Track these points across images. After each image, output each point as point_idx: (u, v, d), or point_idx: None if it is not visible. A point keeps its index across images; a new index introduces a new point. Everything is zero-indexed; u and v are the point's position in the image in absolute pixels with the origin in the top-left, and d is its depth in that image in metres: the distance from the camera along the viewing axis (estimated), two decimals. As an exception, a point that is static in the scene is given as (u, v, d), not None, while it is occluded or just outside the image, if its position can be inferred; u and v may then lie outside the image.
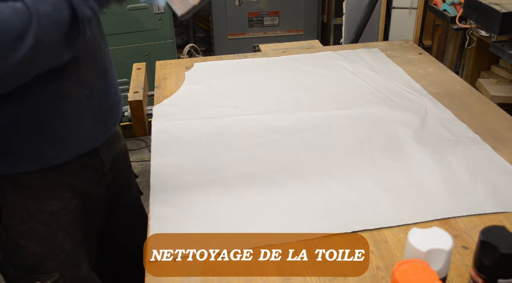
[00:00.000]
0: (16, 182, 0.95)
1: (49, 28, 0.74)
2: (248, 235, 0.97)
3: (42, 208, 0.98)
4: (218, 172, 1.17)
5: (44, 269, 1.02)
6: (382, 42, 2.00)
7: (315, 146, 1.27)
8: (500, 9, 1.51)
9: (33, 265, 1.02)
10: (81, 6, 0.77)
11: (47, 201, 0.99)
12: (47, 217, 0.99)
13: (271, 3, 3.33)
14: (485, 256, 0.77)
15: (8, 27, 0.69)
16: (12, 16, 0.70)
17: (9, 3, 0.70)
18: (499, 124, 1.35)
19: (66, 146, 0.97)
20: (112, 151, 1.15)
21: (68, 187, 1.01)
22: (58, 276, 1.03)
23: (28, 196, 0.96)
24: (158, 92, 1.56)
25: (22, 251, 1.00)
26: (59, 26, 0.76)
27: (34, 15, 0.71)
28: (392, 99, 1.49)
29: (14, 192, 0.95)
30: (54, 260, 1.03)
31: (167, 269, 0.91)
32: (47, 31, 0.73)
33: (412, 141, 1.27)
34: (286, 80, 1.63)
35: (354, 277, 0.88)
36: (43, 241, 1.01)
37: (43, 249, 1.01)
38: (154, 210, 1.05)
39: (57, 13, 0.74)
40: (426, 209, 1.03)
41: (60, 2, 0.75)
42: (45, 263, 1.02)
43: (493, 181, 1.11)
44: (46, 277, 1.02)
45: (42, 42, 0.73)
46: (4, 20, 0.69)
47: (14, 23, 0.70)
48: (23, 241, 0.99)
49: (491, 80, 1.99)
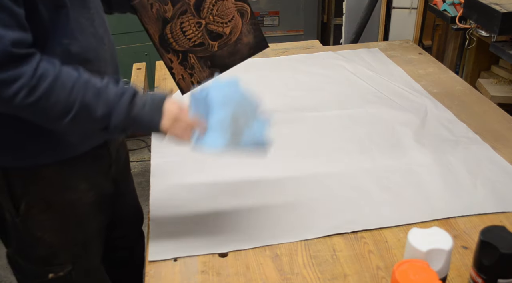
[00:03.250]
0: (35, 174, 0.97)
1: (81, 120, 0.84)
2: (248, 235, 0.98)
3: (59, 199, 1.01)
4: (218, 172, 1.17)
5: (57, 261, 1.05)
6: (382, 42, 2.00)
7: (315, 146, 1.27)
8: (500, 9, 1.51)
9: (47, 256, 1.04)
10: (114, 128, 0.86)
11: (64, 193, 1.01)
12: (64, 208, 1.02)
13: (271, 3, 3.33)
14: (485, 256, 0.77)
15: (55, 105, 0.82)
16: (62, 98, 0.82)
17: (33, 58, 0.80)
18: (499, 124, 1.35)
19: (84, 139, 1.00)
20: (116, 142, 1.17)
21: (82, 178, 1.04)
22: (70, 267, 1.06)
23: (46, 187, 0.99)
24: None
25: (38, 242, 1.03)
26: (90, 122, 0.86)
27: (76, 106, 0.83)
28: (392, 99, 1.49)
29: (33, 184, 0.98)
30: (68, 251, 1.06)
31: (167, 269, 0.91)
32: (79, 121, 0.85)
33: (412, 141, 1.27)
34: (286, 80, 1.63)
35: (354, 277, 0.88)
36: (59, 232, 1.04)
37: (58, 240, 1.04)
38: (154, 210, 1.05)
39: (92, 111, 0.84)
40: (426, 209, 1.03)
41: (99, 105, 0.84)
42: (59, 255, 1.05)
43: (493, 181, 1.11)
44: (59, 268, 1.05)
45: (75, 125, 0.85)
46: (57, 97, 0.82)
47: (58, 106, 0.82)
48: (40, 232, 1.02)
49: (491, 80, 1.99)
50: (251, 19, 1.09)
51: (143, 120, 0.86)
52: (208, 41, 1.07)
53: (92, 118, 0.84)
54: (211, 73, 1.08)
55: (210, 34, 1.07)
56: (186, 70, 1.08)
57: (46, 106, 0.81)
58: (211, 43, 1.07)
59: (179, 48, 1.06)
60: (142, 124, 0.87)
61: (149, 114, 0.86)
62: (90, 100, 0.83)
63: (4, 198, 0.99)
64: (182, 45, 1.06)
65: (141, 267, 1.29)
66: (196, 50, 1.07)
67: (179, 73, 1.08)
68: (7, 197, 0.98)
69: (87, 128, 0.90)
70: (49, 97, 0.80)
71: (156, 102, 0.87)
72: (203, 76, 1.09)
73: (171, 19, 1.05)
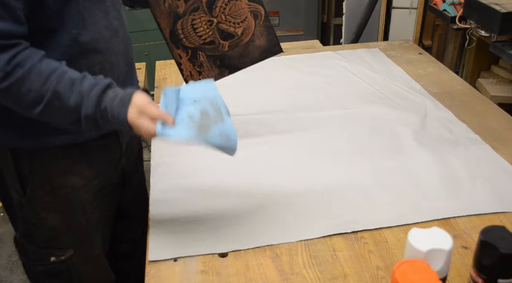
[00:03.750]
0: (43, 156, 1.00)
1: (52, 112, 0.87)
2: (248, 235, 0.97)
3: (64, 182, 1.03)
4: (218, 172, 1.17)
5: (60, 244, 1.08)
6: (382, 42, 2.00)
7: (315, 146, 1.27)
8: (500, 9, 1.51)
9: (50, 238, 1.07)
10: (87, 120, 0.87)
11: (69, 176, 1.04)
12: (68, 192, 1.04)
13: (271, 3, 3.33)
14: (485, 256, 0.77)
15: (28, 94, 0.84)
16: (34, 88, 0.84)
17: (14, 48, 0.83)
18: (499, 124, 1.35)
19: None
20: (127, 135, 1.19)
21: (88, 165, 1.06)
22: (72, 252, 1.08)
23: (52, 169, 1.02)
24: (158, 92, 1.56)
25: (42, 224, 1.05)
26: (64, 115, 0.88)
27: (47, 97, 0.85)
28: (392, 99, 1.49)
29: (40, 165, 1.01)
30: (70, 235, 1.08)
31: (167, 269, 0.91)
32: (51, 114, 0.87)
33: (412, 141, 1.27)
34: (286, 80, 1.63)
35: (354, 277, 0.88)
36: (62, 215, 1.06)
37: (61, 222, 1.06)
38: (154, 210, 1.05)
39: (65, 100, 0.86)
40: (426, 209, 1.03)
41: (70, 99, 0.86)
42: (62, 238, 1.07)
43: (493, 181, 1.11)
44: (61, 252, 1.08)
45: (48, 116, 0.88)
46: (30, 86, 0.84)
47: (31, 95, 0.85)
48: (44, 212, 1.04)
49: (491, 80, 1.99)
50: (265, 22, 1.09)
51: (113, 112, 0.86)
52: (219, 40, 1.07)
53: (64, 107, 0.86)
54: (220, 73, 1.08)
55: (221, 33, 1.06)
56: (194, 68, 1.08)
57: (19, 93, 0.84)
58: (221, 42, 1.07)
59: (189, 45, 1.06)
60: (111, 116, 0.87)
61: (118, 105, 0.86)
62: (63, 89, 0.85)
63: (12, 177, 1.02)
64: (192, 42, 1.06)
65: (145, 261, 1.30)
66: (206, 48, 1.07)
67: (187, 70, 1.08)
68: (15, 177, 1.01)
69: (60, 119, 0.90)
70: (22, 85, 0.83)
71: (126, 94, 0.88)
72: (211, 74, 1.09)
73: (182, 15, 1.05)
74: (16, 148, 0.99)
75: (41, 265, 1.09)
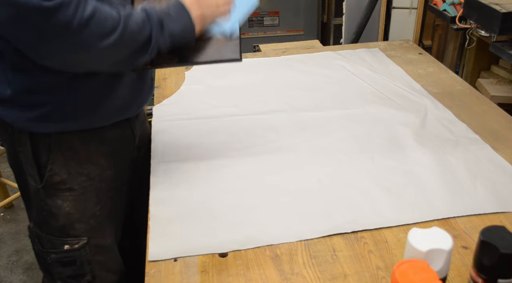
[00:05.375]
0: (61, 143, 1.03)
1: (127, 38, 0.91)
2: (248, 235, 0.98)
3: (81, 170, 1.06)
4: (218, 172, 1.17)
5: (74, 232, 1.09)
6: (382, 42, 2.00)
7: (315, 146, 1.27)
8: (500, 9, 1.51)
9: (64, 226, 1.08)
10: (157, 37, 0.95)
11: (85, 165, 1.06)
12: (84, 180, 1.07)
13: (271, 3, 3.33)
14: (485, 256, 0.77)
15: (106, 21, 0.88)
16: (109, 16, 0.89)
17: (112, 10, 0.89)
18: (499, 124, 1.35)
19: (106, 110, 1.05)
20: (140, 128, 1.22)
21: (104, 155, 1.09)
22: (85, 241, 1.10)
23: (70, 157, 1.04)
24: (158, 92, 1.56)
25: (57, 211, 1.07)
26: (135, 42, 0.93)
27: (122, 24, 0.90)
28: (392, 99, 1.49)
29: (58, 152, 1.03)
30: (84, 223, 1.09)
31: (167, 269, 0.91)
32: (126, 40, 0.91)
33: (412, 141, 1.27)
34: (286, 80, 1.63)
35: (354, 277, 0.88)
36: (78, 203, 1.07)
37: (76, 210, 1.08)
38: (154, 210, 1.05)
39: (138, 32, 0.93)
40: (426, 209, 1.03)
41: (144, 27, 0.93)
42: (76, 226, 1.09)
43: (493, 181, 1.11)
44: (75, 241, 1.09)
45: (120, 46, 0.91)
46: (105, 14, 0.88)
47: (109, 22, 0.88)
48: (60, 200, 1.06)
49: (491, 80, 1.99)
50: None
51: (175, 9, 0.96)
52: None
53: (138, 28, 0.92)
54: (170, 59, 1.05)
55: None
56: None
57: (100, 19, 0.86)
58: None
59: None
60: (175, 17, 0.96)
61: (175, 11, 0.97)
62: (133, 13, 0.93)
63: (29, 164, 1.03)
64: None
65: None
66: None
67: None
68: (33, 163, 1.03)
69: (133, 46, 0.94)
70: (100, 12, 0.87)
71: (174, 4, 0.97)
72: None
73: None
74: (35, 133, 1.01)
75: (54, 253, 1.10)
